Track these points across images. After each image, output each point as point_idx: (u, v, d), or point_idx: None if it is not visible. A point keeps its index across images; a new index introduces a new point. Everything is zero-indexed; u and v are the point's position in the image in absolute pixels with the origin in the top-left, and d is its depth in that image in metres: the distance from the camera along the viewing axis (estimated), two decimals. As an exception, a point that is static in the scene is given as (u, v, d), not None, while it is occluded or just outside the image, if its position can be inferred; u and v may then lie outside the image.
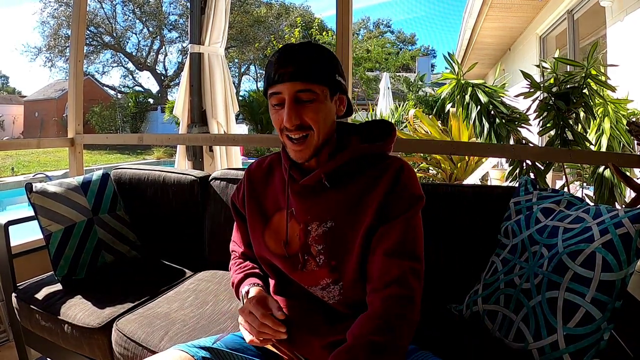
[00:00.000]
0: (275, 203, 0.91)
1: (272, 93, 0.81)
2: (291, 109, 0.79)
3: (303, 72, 0.78)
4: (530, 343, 0.86)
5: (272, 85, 0.80)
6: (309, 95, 0.79)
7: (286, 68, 0.78)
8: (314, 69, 0.80)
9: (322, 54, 0.82)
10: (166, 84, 23.26)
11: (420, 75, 13.37)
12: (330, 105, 0.83)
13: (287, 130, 0.81)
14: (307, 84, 0.78)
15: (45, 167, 11.99)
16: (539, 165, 1.80)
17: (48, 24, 20.26)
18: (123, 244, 1.58)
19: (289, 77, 0.78)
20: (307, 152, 0.83)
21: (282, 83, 0.79)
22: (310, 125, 0.80)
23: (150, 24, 22.23)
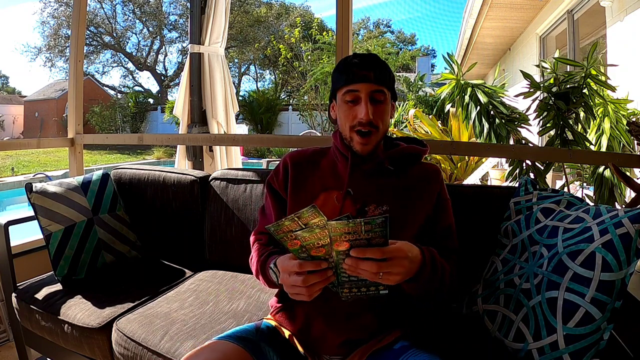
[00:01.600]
0: (323, 184, 0.99)
1: (349, 90, 0.92)
2: (368, 105, 0.90)
3: (380, 76, 0.92)
4: (530, 343, 0.86)
5: (351, 84, 0.91)
6: (381, 96, 0.92)
7: (367, 71, 0.91)
8: (386, 75, 0.93)
9: (387, 65, 0.96)
10: (166, 84, 23.27)
11: (420, 75, 13.36)
12: (389, 109, 0.97)
13: (360, 124, 0.91)
14: (381, 86, 0.92)
15: (45, 167, 11.99)
16: (539, 165, 1.80)
17: (48, 24, 20.27)
18: (123, 244, 1.58)
19: (369, 78, 0.90)
20: (371, 146, 0.94)
21: (361, 82, 0.90)
22: (377, 124, 0.92)
23: (150, 24, 22.23)
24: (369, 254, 0.69)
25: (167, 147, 13.41)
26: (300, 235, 0.69)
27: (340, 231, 0.67)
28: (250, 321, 1.16)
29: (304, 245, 0.71)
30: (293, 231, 0.69)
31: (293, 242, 0.71)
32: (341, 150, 0.98)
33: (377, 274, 0.70)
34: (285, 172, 1.03)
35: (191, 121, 2.57)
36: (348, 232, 0.67)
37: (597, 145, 1.86)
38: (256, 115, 15.82)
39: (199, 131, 2.53)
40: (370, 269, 0.69)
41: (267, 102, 16.17)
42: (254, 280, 1.40)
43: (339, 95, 0.95)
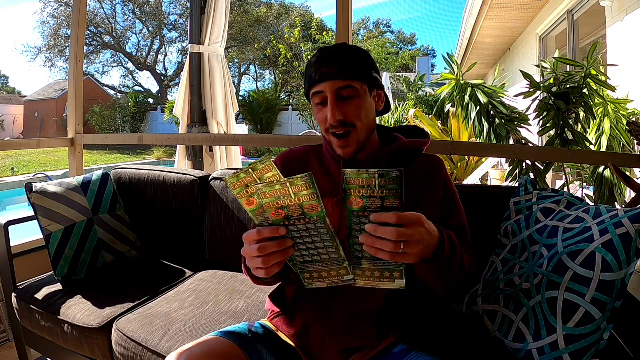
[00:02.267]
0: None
1: (314, 93, 0.86)
2: (334, 106, 0.83)
3: (343, 70, 0.83)
4: (530, 343, 0.86)
5: (315, 85, 0.85)
6: (350, 92, 0.83)
7: (327, 68, 0.83)
8: (353, 66, 0.84)
9: (357, 53, 0.87)
10: (166, 84, 23.28)
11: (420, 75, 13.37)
12: (370, 101, 0.88)
13: (332, 127, 0.84)
14: (347, 81, 0.83)
15: (45, 167, 11.99)
16: (539, 165, 1.80)
17: (48, 24, 20.29)
18: (123, 244, 1.58)
19: (330, 76, 0.83)
20: (352, 148, 0.86)
21: (324, 82, 0.83)
22: (352, 121, 0.84)
23: (150, 24, 22.24)
24: (384, 218, 0.59)
25: (167, 147, 13.41)
26: (257, 190, 0.60)
27: (355, 183, 0.58)
28: (249, 321, 1.16)
29: (261, 205, 0.61)
30: (249, 185, 0.61)
31: (249, 199, 0.61)
32: (332, 153, 0.93)
33: (397, 245, 0.59)
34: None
35: (191, 121, 2.57)
36: (362, 185, 0.58)
37: (597, 145, 1.86)
38: (256, 115, 15.83)
39: (199, 131, 2.53)
40: (390, 236, 0.59)
41: (267, 102, 16.18)
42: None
43: (311, 98, 0.89)
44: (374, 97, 0.89)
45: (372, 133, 0.91)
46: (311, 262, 0.66)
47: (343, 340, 0.84)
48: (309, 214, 0.60)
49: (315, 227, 0.62)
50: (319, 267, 0.67)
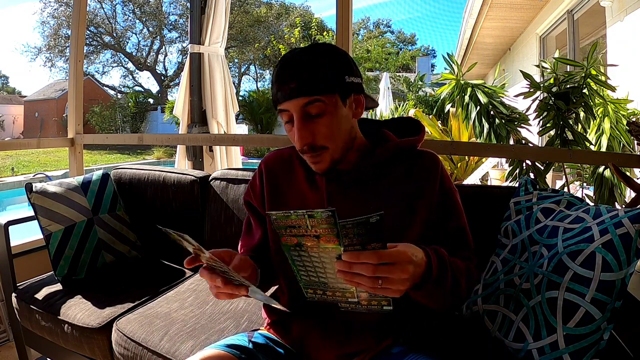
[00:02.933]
0: (302, 200, 0.85)
1: (280, 110, 0.77)
2: (301, 128, 0.74)
3: (306, 85, 0.72)
4: (530, 343, 0.86)
5: (279, 103, 0.76)
6: (318, 107, 0.74)
7: (288, 84, 0.73)
8: (318, 78, 0.73)
9: (325, 59, 0.75)
10: (166, 84, 23.28)
11: (420, 75, 13.37)
12: (345, 112, 0.77)
13: (302, 152, 0.78)
14: (314, 96, 0.73)
15: (45, 167, 11.99)
16: (539, 165, 1.80)
17: (48, 24, 20.30)
18: (123, 244, 1.58)
19: (292, 93, 0.73)
20: (325, 164, 0.79)
21: (287, 100, 0.74)
22: (322, 144, 0.76)
23: (150, 24, 22.25)
24: (363, 258, 0.56)
25: (167, 147, 13.42)
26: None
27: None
28: (250, 321, 1.16)
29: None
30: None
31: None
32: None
33: (375, 281, 0.57)
34: (261, 184, 0.92)
35: (191, 121, 2.57)
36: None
37: (597, 145, 1.86)
38: (256, 115, 15.82)
39: (199, 131, 2.53)
40: (366, 272, 0.56)
41: (267, 102, 16.17)
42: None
43: (279, 115, 0.80)
44: (350, 105, 0.78)
45: (351, 143, 0.82)
46: (317, 282, 0.65)
47: (341, 347, 0.82)
48: (323, 245, 0.59)
49: (328, 256, 0.60)
50: (324, 287, 0.65)
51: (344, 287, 0.63)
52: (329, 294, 0.66)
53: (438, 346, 0.86)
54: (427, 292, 0.68)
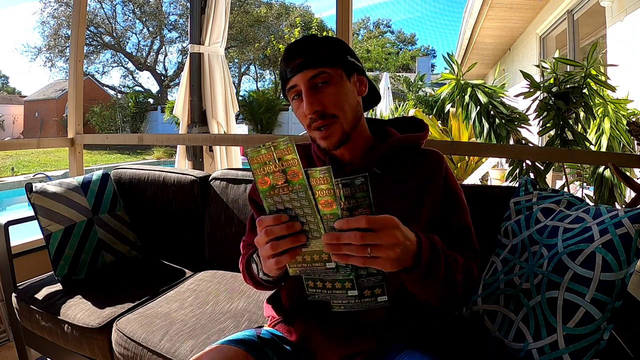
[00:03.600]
0: None
1: (289, 88, 0.82)
2: (309, 96, 0.78)
3: (312, 57, 0.79)
4: (530, 343, 0.86)
5: (288, 81, 0.81)
6: (323, 77, 0.79)
7: (296, 60, 0.79)
8: (323, 52, 0.80)
9: (327, 40, 0.82)
10: (166, 84, 23.29)
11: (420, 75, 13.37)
12: (350, 86, 0.82)
13: (312, 120, 0.80)
14: (319, 68, 0.78)
15: (45, 167, 11.99)
16: (539, 165, 1.80)
17: (48, 24, 20.31)
18: (123, 244, 1.58)
19: (300, 66, 0.79)
20: (335, 137, 0.81)
21: (295, 75, 0.79)
22: (333, 113, 0.79)
23: (150, 24, 22.25)
24: (351, 224, 0.56)
25: (167, 147, 13.42)
26: (273, 170, 0.58)
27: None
28: (250, 321, 1.16)
29: (274, 186, 0.59)
30: (267, 163, 0.58)
31: (264, 178, 0.59)
32: (318, 154, 0.89)
33: (364, 249, 0.56)
34: None
35: (191, 121, 2.57)
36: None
37: (597, 145, 1.86)
38: (256, 115, 15.83)
39: (199, 131, 2.53)
40: (354, 240, 0.56)
41: (267, 102, 16.19)
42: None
43: (288, 96, 0.85)
44: (354, 83, 0.84)
45: (358, 123, 0.84)
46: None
47: (345, 348, 0.82)
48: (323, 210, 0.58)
49: (299, 200, 0.58)
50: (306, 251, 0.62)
51: (314, 227, 0.60)
52: (309, 259, 0.62)
53: (438, 345, 0.86)
54: (419, 278, 0.67)
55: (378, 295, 0.60)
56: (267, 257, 0.63)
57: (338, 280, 0.63)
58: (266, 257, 0.63)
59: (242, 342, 0.82)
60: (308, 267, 0.63)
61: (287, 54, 0.81)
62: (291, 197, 0.59)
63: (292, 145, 0.56)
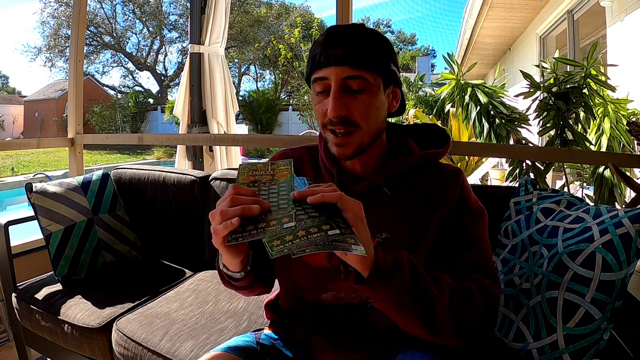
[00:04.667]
0: None
1: (316, 78, 0.70)
2: (337, 98, 0.68)
3: (355, 55, 0.67)
4: (530, 343, 0.86)
5: (317, 69, 0.69)
6: (360, 84, 0.68)
7: (334, 50, 0.67)
8: (368, 53, 0.68)
9: (377, 38, 0.71)
10: (166, 84, 23.28)
11: (420, 75, 13.37)
12: (383, 99, 0.72)
13: (331, 123, 0.70)
14: (359, 70, 0.67)
15: (45, 167, 11.99)
16: (539, 165, 1.80)
17: (48, 24, 20.31)
18: (123, 244, 1.58)
19: (338, 60, 0.67)
20: (350, 149, 0.71)
21: (329, 67, 0.68)
22: (357, 122, 0.69)
23: (150, 24, 22.25)
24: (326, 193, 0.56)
25: (167, 147, 13.42)
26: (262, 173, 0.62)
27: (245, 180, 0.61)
28: (250, 321, 1.16)
29: (257, 181, 0.61)
30: (259, 169, 0.62)
31: (248, 176, 0.62)
32: (326, 163, 0.79)
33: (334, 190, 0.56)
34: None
35: (191, 121, 2.57)
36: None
37: (597, 145, 1.86)
38: (256, 115, 15.83)
39: (199, 131, 2.53)
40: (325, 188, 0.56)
41: (267, 102, 16.19)
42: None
43: (312, 86, 0.74)
44: (387, 95, 0.74)
45: (379, 137, 0.76)
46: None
47: (348, 355, 0.79)
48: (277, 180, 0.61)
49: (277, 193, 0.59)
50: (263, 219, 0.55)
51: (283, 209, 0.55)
52: (265, 224, 0.54)
53: (438, 345, 0.85)
54: (381, 285, 0.58)
55: (327, 230, 0.52)
56: (214, 230, 0.55)
57: (278, 217, 0.55)
58: (214, 229, 0.55)
59: (240, 349, 0.80)
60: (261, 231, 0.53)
61: (326, 39, 0.70)
62: (270, 191, 0.58)
63: (292, 166, 0.61)
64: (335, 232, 0.51)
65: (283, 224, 0.52)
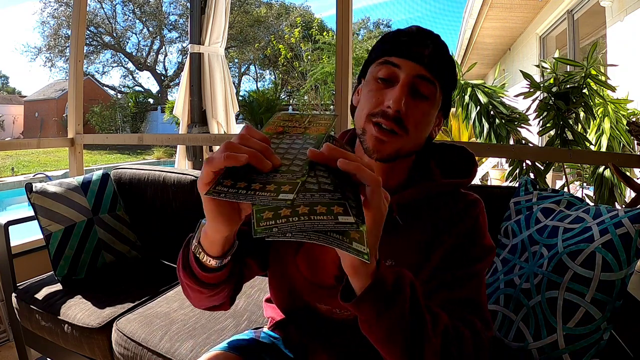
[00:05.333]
0: None
1: (386, 61, 0.65)
2: (405, 92, 0.62)
3: (437, 61, 0.64)
4: (530, 343, 0.86)
5: (393, 55, 0.64)
6: (428, 90, 0.64)
7: (421, 46, 0.64)
8: (448, 67, 0.66)
9: (452, 58, 0.68)
10: (166, 84, 23.28)
11: (420, 75, 13.35)
12: (434, 118, 0.68)
13: (382, 115, 0.63)
14: (434, 76, 0.64)
15: (45, 167, 12.00)
16: (539, 165, 1.80)
17: (48, 24, 20.31)
18: (123, 244, 1.58)
19: (420, 57, 0.63)
20: (389, 149, 0.64)
21: (408, 59, 0.63)
22: (407, 127, 0.64)
23: (150, 24, 22.25)
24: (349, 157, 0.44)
25: (167, 147, 13.42)
26: (293, 125, 0.50)
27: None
28: (249, 320, 1.16)
29: (284, 132, 0.49)
30: (292, 120, 0.50)
31: (276, 127, 0.50)
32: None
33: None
34: None
35: (191, 121, 2.57)
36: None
37: (597, 145, 1.86)
38: (256, 115, 15.82)
39: (199, 131, 2.53)
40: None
41: (267, 102, 16.18)
42: (254, 279, 1.40)
43: (371, 69, 0.68)
44: (436, 118, 0.69)
45: (414, 154, 0.71)
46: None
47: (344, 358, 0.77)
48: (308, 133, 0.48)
49: (300, 149, 0.46)
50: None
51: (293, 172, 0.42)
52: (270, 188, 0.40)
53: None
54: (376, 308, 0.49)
55: (282, 192, 0.39)
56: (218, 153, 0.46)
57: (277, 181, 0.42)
58: (217, 154, 0.46)
59: (240, 348, 0.80)
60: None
61: (417, 32, 0.66)
62: (292, 145, 0.46)
63: (333, 122, 0.49)
64: (349, 219, 0.38)
65: (280, 191, 0.39)
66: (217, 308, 0.69)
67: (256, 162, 0.42)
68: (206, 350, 0.97)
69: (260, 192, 0.40)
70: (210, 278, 0.60)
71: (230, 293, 0.68)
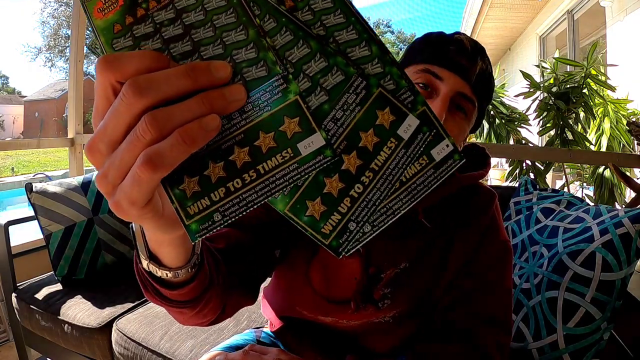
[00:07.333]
0: None
1: (427, 69, 0.58)
2: (444, 108, 0.57)
3: (482, 80, 0.60)
4: (530, 343, 0.86)
5: (435, 65, 0.58)
6: (466, 105, 0.59)
7: (469, 62, 0.58)
8: (489, 87, 0.63)
9: (493, 77, 0.65)
10: (166, 84, 23.27)
11: (420, 75, 13.37)
12: (467, 134, 0.65)
13: None
14: (474, 93, 0.60)
15: (45, 167, 12.00)
16: (539, 165, 1.80)
17: (48, 24, 20.35)
18: (123, 244, 1.58)
19: (464, 70, 0.58)
20: None
21: (451, 71, 0.58)
22: None
23: (150, 24, 22.24)
24: None
25: (167, 147, 13.40)
26: None
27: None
28: (249, 320, 1.16)
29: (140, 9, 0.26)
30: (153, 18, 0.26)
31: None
32: None
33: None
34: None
35: (191, 121, 2.57)
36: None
37: (597, 145, 1.86)
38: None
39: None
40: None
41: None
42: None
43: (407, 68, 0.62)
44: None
45: None
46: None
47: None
48: None
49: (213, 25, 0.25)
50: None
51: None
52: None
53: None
54: None
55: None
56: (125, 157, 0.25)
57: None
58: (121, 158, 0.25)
59: (240, 348, 0.77)
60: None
61: (459, 42, 0.59)
62: (190, 20, 0.25)
63: None
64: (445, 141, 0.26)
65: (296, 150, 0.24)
66: (220, 319, 0.56)
67: (222, 110, 0.24)
68: (206, 350, 0.98)
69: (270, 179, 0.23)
70: (183, 294, 0.44)
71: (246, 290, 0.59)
